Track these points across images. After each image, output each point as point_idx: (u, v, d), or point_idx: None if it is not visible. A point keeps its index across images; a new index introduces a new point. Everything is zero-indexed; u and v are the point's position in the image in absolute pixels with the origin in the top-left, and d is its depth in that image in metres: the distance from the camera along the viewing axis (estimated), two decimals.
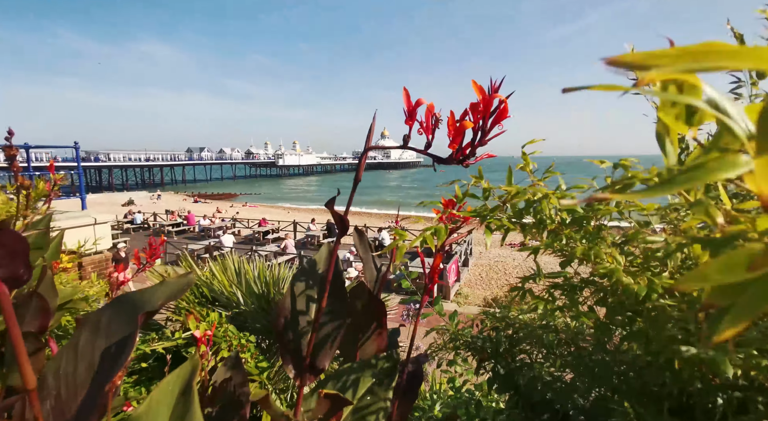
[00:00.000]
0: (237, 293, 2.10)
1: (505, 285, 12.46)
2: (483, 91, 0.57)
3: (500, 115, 0.57)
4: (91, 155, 57.77)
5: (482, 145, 0.59)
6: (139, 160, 63.44)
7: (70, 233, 5.58)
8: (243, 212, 31.26)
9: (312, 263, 0.67)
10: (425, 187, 69.05)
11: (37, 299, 0.94)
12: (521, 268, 14.50)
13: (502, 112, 0.57)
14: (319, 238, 17.03)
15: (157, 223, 20.09)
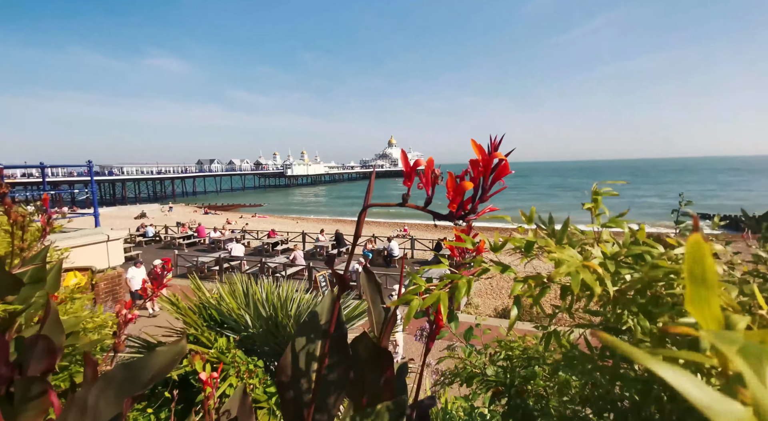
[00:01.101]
0: (245, 316, 2.10)
1: (506, 287, 12.30)
2: (483, 150, 0.57)
3: (501, 172, 0.58)
4: (106, 169, 59.01)
5: (483, 201, 0.59)
6: (151, 173, 64.65)
7: (84, 250, 5.69)
8: (252, 222, 31.52)
9: (314, 315, 0.66)
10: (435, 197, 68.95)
11: (42, 341, 0.96)
12: (528, 274, 14.31)
13: (503, 169, 0.58)
14: (327, 248, 17.06)
15: (168, 236, 20.34)
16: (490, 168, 0.57)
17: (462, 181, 0.56)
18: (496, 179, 0.58)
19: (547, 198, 59.61)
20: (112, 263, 6.08)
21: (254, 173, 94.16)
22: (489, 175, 0.58)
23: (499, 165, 0.57)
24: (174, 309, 2.11)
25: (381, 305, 0.88)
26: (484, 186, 0.58)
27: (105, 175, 56.83)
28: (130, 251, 16.02)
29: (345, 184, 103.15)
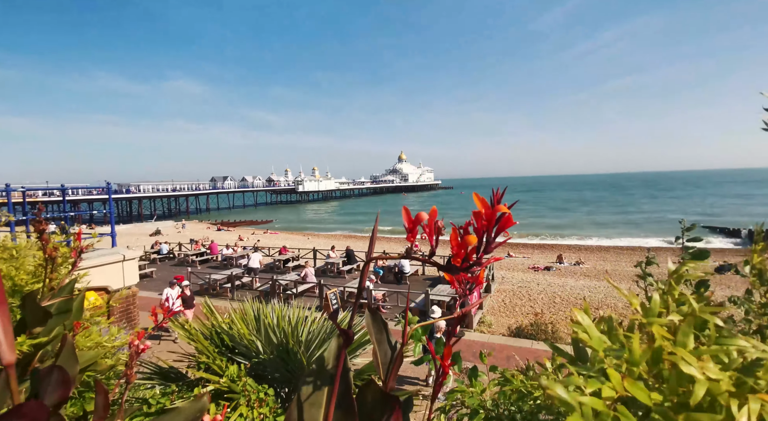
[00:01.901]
0: (256, 341, 2.11)
1: (530, 312, 12.03)
2: (485, 204, 0.58)
3: (504, 224, 0.59)
4: (123, 187, 60.64)
5: (488, 253, 0.60)
6: (166, 190, 66.15)
7: (101, 269, 5.81)
8: (264, 239, 31.81)
9: (320, 362, 0.67)
10: (443, 210, 68.69)
11: (57, 372, 0.99)
12: (546, 293, 14.02)
13: (506, 221, 0.59)
14: (338, 265, 17.05)
15: (182, 253, 20.62)
16: (493, 221, 0.58)
17: (466, 236, 0.57)
18: (500, 231, 0.59)
19: (562, 212, 58.77)
20: (128, 282, 6.18)
21: (266, 190, 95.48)
22: (493, 227, 0.59)
23: (503, 217, 0.58)
24: (186, 334, 2.13)
25: (387, 344, 0.88)
26: (488, 238, 0.59)
27: (122, 193, 58.36)
28: (144, 269, 16.27)
29: (356, 200, 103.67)
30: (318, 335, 2.25)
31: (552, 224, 44.47)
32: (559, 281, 16.84)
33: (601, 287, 15.19)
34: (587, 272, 19.75)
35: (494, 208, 0.58)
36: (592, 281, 16.92)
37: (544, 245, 31.38)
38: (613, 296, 13.63)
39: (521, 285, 15.56)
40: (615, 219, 46.96)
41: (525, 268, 21.43)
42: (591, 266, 21.93)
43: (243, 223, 51.14)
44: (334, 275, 16.56)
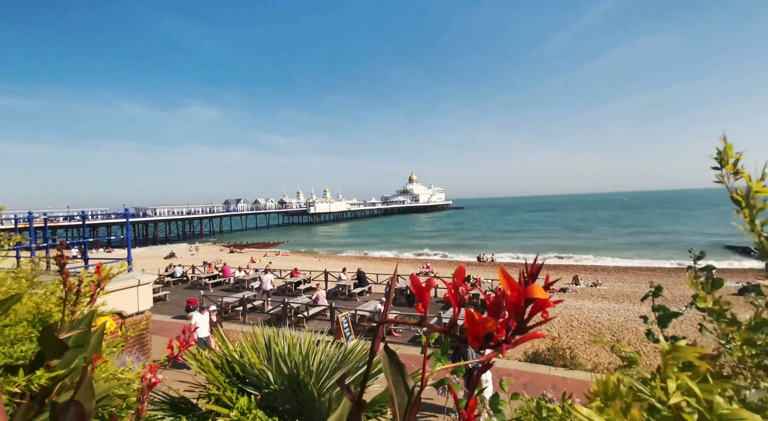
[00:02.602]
0: (267, 372, 2.10)
1: (546, 336, 11.65)
2: (514, 284, 0.44)
3: (537, 309, 0.44)
4: (140, 211, 62.13)
5: (521, 333, 0.45)
6: (181, 213, 67.48)
7: (116, 294, 5.89)
8: (276, 261, 31.92)
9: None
10: (456, 231, 68.19)
11: (74, 406, 1.01)
12: (562, 316, 13.61)
13: (541, 306, 0.43)
14: (350, 287, 16.93)
15: (195, 275, 20.79)
16: (522, 305, 0.43)
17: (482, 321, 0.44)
18: (535, 312, 0.44)
19: (577, 232, 57.66)
20: (142, 307, 6.25)
21: (278, 212, 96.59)
22: (523, 309, 0.44)
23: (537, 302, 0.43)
24: (197, 364, 2.14)
25: (404, 388, 0.87)
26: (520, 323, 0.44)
27: (139, 217, 59.72)
28: (158, 292, 16.41)
29: (367, 221, 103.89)
30: (329, 364, 2.22)
31: (566, 245, 43.63)
32: (575, 303, 16.37)
33: (621, 310, 14.69)
34: (605, 294, 19.17)
35: (527, 288, 0.43)
36: (611, 304, 16.39)
37: (558, 266, 30.71)
38: (634, 319, 13.15)
39: None
40: (632, 239, 45.78)
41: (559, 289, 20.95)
42: (609, 287, 21.30)
43: (255, 245, 51.54)
44: (345, 298, 16.43)
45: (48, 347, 1.14)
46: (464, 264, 10.47)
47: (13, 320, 1.32)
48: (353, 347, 2.67)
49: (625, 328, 12.33)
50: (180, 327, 12.23)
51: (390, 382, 0.89)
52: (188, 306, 13.98)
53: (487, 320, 0.45)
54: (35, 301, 1.45)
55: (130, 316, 6.09)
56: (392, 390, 0.88)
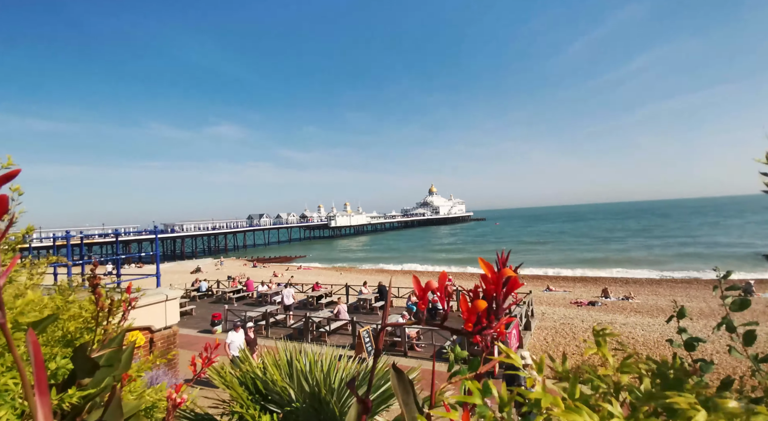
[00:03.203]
0: (289, 389, 2.10)
1: (575, 352, 11.18)
2: (491, 268, 0.61)
3: (512, 286, 0.60)
4: (169, 227, 64.39)
5: (498, 316, 0.61)
6: (206, 229, 69.50)
7: (145, 309, 6.08)
8: (297, 275, 32.25)
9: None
10: (478, 243, 67.14)
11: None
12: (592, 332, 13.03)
13: (513, 283, 0.60)
14: (371, 301, 16.85)
15: (219, 290, 21.23)
16: (501, 285, 0.60)
17: (475, 301, 0.59)
18: (508, 294, 0.61)
19: (605, 243, 55.61)
20: (169, 321, 6.41)
21: (300, 226, 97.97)
22: (500, 290, 0.60)
23: (510, 280, 0.60)
24: (220, 381, 2.16)
25: (415, 406, 0.85)
26: (498, 301, 0.60)
27: (168, 233, 61.88)
28: (184, 306, 16.81)
29: (387, 234, 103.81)
30: None
31: (594, 256, 42.10)
32: (606, 317, 15.69)
33: (655, 325, 13.96)
34: (638, 308, 18.30)
35: (500, 271, 0.60)
36: (645, 318, 15.61)
37: (586, 278, 29.61)
38: (670, 334, 12.45)
39: (564, 321, 14.61)
40: (666, 250, 43.63)
41: (567, 303, 20.20)
42: (642, 300, 20.34)
43: (278, 259, 52.30)
44: (366, 312, 16.35)
45: (80, 366, 1.19)
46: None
47: (48, 340, 1.38)
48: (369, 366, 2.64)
49: (660, 344, 11.69)
50: (205, 341, 12.45)
51: (400, 401, 0.87)
52: (213, 320, 14.26)
53: (478, 300, 0.58)
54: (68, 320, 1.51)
55: (159, 330, 6.26)
56: (403, 410, 0.86)
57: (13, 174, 0.43)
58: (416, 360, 10.22)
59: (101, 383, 1.19)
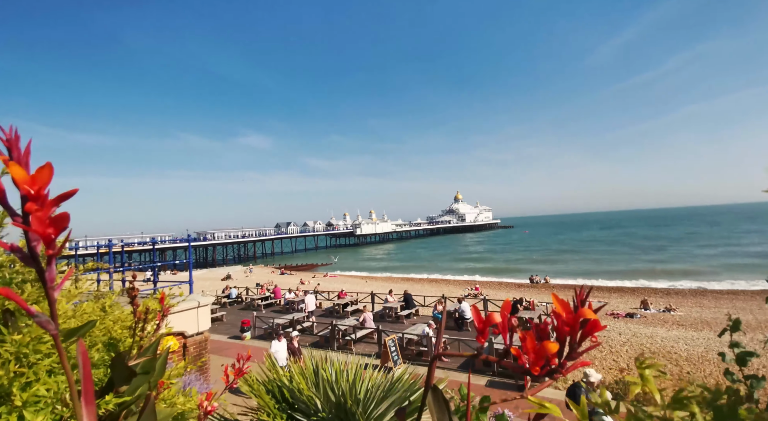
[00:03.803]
0: (315, 399, 2.10)
1: (613, 367, 10.61)
2: (567, 307, 0.52)
3: (590, 330, 0.51)
4: (201, 235, 66.92)
5: (572, 359, 0.52)
6: (236, 237, 71.68)
7: (178, 315, 6.30)
8: (324, 282, 32.55)
9: None
10: (506, 251, 65.55)
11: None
12: (631, 345, 12.37)
13: (593, 327, 0.51)
14: (396, 310, 16.74)
15: (248, 297, 21.74)
16: (577, 327, 0.51)
17: (544, 343, 0.50)
18: (586, 336, 0.51)
19: (644, 252, 52.90)
20: (201, 327, 6.61)
21: (326, 234, 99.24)
22: (577, 331, 0.51)
23: (589, 323, 0.50)
24: (248, 389, 2.19)
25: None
26: (572, 343, 0.51)
27: (200, 241, 64.30)
28: (215, 313, 17.31)
29: (413, 242, 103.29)
30: (375, 393, 2.18)
31: (632, 266, 40.12)
32: (646, 330, 14.84)
33: (700, 339, 13.07)
34: (681, 321, 17.21)
35: (578, 312, 0.51)
36: (689, 332, 14.65)
37: (623, 288, 28.21)
38: (716, 349, 11.61)
39: (599, 334, 13.93)
40: (712, 260, 40.85)
41: (602, 314, 19.29)
42: (685, 313, 19.14)
43: (304, 267, 53.10)
44: (392, 320, 16.25)
45: (118, 374, 1.23)
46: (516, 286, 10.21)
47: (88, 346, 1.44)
48: (401, 375, 2.60)
49: (705, 359, 10.91)
50: (236, 347, 12.73)
51: (434, 419, 0.84)
52: (242, 327, 14.59)
53: (548, 343, 0.49)
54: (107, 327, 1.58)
55: (191, 336, 6.46)
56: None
57: (71, 193, 0.46)
58: (443, 371, 10.02)
59: (137, 390, 1.24)
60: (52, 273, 0.48)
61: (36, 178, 0.42)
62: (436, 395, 0.87)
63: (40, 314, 0.50)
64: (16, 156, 0.45)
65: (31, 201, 0.42)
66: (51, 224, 0.43)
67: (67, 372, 0.53)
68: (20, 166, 0.42)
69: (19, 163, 0.44)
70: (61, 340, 0.58)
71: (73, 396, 0.55)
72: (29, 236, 0.45)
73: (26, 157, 0.46)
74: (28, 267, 1.32)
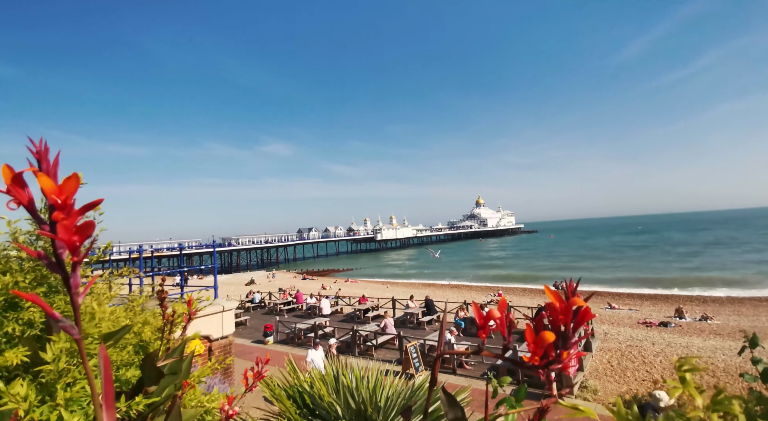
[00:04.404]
0: (335, 405, 2.11)
1: (645, 379, 10.13)
2: (559, 297, 0.55)
3: (582, 317, 0.54)
4: (226, 241, 68.68)
5: (567, 348, 0.55)
6: (259, 243, 73.15)
7: (203, 319, 6.47)
8: (345, 287, 32.70)
9: None
10: (529, 257, 64.02)
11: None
12: (665, 355, 11.78)
13: (584, 314, 0.54)
14: (417, 316, 16.60)
15: (271, 302, 22.07)
16: (570, 315, 0.54)
17: (541, 333, 0.53)
18: (578, 326, 0.55)
19: (673, 256, 50.53)
20: (226, 331, 6.76)
21: (347, 239, 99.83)
22: (570, 321, 0.54)
23: (580, 311, 0.54)
24: (270, 394, 2.22)
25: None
26: (566, 334, 0.55)
27: (225, 247, 65.98)
28: (239, 317, 17.65)
29: (433, 247, 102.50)
30: (396, 401, 2.17)
31: (663, 272, 38.37)
32: (681, 340, 14.12)
33: (738, 349, 12.31)
34: (718, 330, 16.30)
35: (569, 301, 0.54)
36: (726, 341, 13.84)
37: (656, 296, 26.99)
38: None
39: (631, 344, 13.35)
40: (747, 264, 38.59)
41: (633, 322, 18.50)
42: (722, 321, 18.11)
43: (326, 272, 53.56)
44: (413, 327, 16.12)
45: (148, 375, 1.28)
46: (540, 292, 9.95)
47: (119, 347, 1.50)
48: (422, 383, 2.58)
49: (744, 370, 10.26)
50: (258, 352, 12.94)
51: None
52: (265, 331, 14.81)
53: (545, 332, 0.52)
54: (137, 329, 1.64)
55: (216, 340, 6.61)
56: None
57: (96, 203, 0.49)
58: (465, 379, 9.84)
59: (164, 391, 1.28)
60: (76, 279, 0.50)
61: (63, 188, 0.45)
62: (450, 400, 0.86)
63: (64, 319, 0.53)
64: (45, 167, 0.49)
65: (58, 210, 0.45)
66: (77, 231, 0.46)
67: (89, 375, 0.56)
68: (48, 177, 0.46)
69: (48, 174, 0.47)
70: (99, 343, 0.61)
71: (93, 399, 0.58)
72: (56, 244, 0.48)
73: (54, 169, 0.49)
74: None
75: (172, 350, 1.42)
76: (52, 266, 0.48)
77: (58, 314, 0.51)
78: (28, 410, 0.94)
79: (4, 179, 0.46)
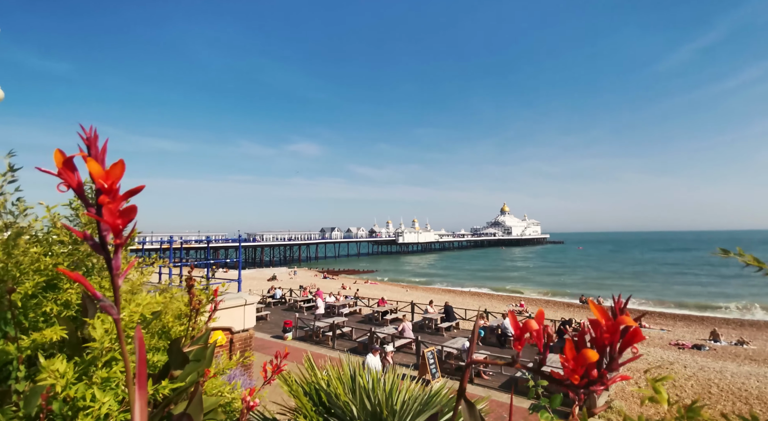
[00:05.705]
0: (351, 406, 2.11)
1: (675, 402, 9.59)
2: (605, 314, 0.51)
3: (631, 339, 0.50)
4: (251, 237, 70.44)
5: (612, 370, 0.51)
6: (283, 240, 74.60)
7: (226, 311, 6.65)
8: (364, 288, 32.82)
9: None
10: (555, 268, 62.16)
11: (185, 420, 1.15)
12: (697, 379, 11.13)
13: (634, 335, 0.50)
14: (436, 321, 16.44)
15: (292, 298, 22.43)
16: (617, 335, 0.50)
17: (584, 351, 0.49)
18: (625, 347, 0.50)
19: (712, 276, 47.74)
20: (247, 325, 6.92)
21: (368, 240, 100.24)
22: (617, 341, 0.50)
23: (629, 331, 0.50)
24: (288, 390, 2.25)
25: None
26: (612, 353, 0.51)
27: (250, 242, 67.71)
28: (261, 311, 18.03)
29: (455, 253, 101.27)
30: (412, 405, 2.15)
31: (699, 292, 36.34)
32: (715, 364, 13.30)
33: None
34: (754, 355, 15.26)
35: (617, 319, 0.50)
36: (762, 368, 12.94)
37: (690, 317, 25.57)
38: None
39: (661, 365, 12.70)
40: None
41: (665, 343, 17.60)
42: (759, 347, 16.95)
43: (346, 272, 53.96)
44: (431, 332, 15.96)
45: (174, 359, 1.32)
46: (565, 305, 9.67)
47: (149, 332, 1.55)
48: (439, 389, 2.54)
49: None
50: (277, 347, 13.17)
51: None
52: (285, 327, 15.06)
53: (587, 350, 0.48)
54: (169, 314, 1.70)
55: (238, 332, 6.78)
56: None
57: (138, 189, 0.51)
58: (483, 389, 9.64)
59: (188, 376, 1.32)
60: (118, 262, 0.52)
61: (110, 173, 0.47)
62: (471, 411, 0.84)
63: (105, 298, 0.55)
64: (94, 153, 0.51)
65: (104, 194, 0.47)
66: (120, 215, 0.47)
67: (124, 356, 0.58)
68: (96, 163, 0.48)
69: (96, 160, 0.49)
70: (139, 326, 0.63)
71: (128, 380, 0.59)
72: (101, 227, 0.50)
73: (102, 155, 0.51)
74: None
75: (197, 338, 1.47)
76: (96, 248, 0.50)
77: (99, 293, 0.53)
78: (65, 387, 0.98)
79: (56, 163, 0.48)
